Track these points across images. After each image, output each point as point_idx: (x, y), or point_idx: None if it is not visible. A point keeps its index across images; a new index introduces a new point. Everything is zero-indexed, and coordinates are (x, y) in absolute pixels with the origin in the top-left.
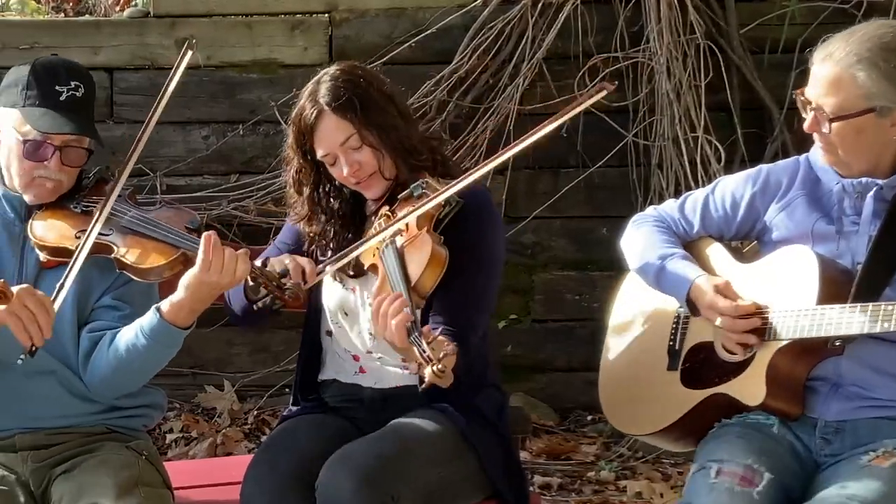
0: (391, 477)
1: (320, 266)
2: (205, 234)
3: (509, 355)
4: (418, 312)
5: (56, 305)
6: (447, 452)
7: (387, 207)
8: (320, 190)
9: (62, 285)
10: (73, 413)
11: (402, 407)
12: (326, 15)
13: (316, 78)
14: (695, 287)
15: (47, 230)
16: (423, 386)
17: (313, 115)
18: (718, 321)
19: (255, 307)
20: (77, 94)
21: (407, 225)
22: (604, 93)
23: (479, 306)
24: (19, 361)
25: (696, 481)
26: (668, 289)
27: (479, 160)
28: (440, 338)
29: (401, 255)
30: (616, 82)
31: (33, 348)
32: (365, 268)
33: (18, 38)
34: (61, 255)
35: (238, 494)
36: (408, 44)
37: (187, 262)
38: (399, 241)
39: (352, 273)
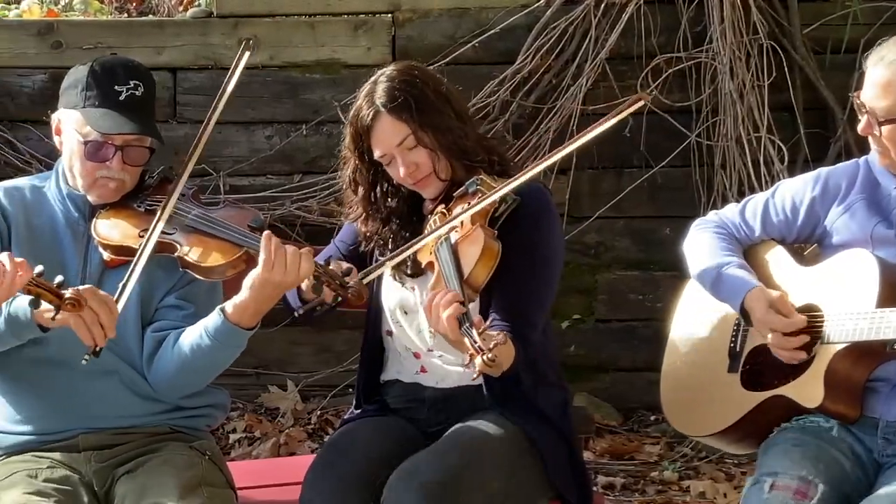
0: (456, 492)
1: (376, 263)
2: (264, 233)
3: (572, 355)
4: (471, 306)
5: (119, 305)
6: (511, 458)
7: (443, 206)
8: (377, 190)
9: (125, 284)
10: (137, 413)
11: (464, 408)
12: (390, 15)
13: (373, 78)
14: (748, 298)
15: (111, 229)
16: (475, 376)
17: (370, 115)
18: (770, 337)
19: (315, 310)
20: (136, 93)
21: (462, 221)
22: (641, 103)
23: (537, 304)
24: (84, 362)
25: (751, 496)
26: (723, 297)
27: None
28: (490, 332)
29: (454, 251)
30: (653, 92)
31: (97, 348)
32: (422, 266)
33: (81, 38)
34: (125, 254)
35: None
36: (471, 44)
37: (250, 260)
38: (453, 237)
39: (410, 272)
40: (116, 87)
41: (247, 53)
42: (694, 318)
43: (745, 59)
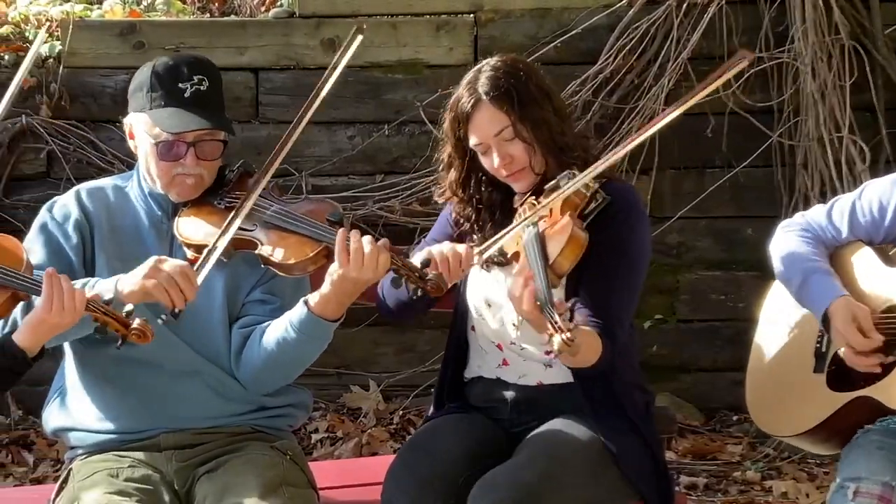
0: (537, 502)
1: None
2: (339, 230)
3: (655, 355)
4: (554, 292)
5: (199, 278)
6: (592, 465)
7: (533, 197)
8: (471, 177)
9: (202, 265)
10: (219, 414)
11: (546, 409)
12: (472, 15)
13: (477, 66)
14: (833, 307)
15: (192, 228)
16: (553, 355)
17: (470, 103)
18: (841, 352)
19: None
20: (201, 87)
21: (550, 211)
22: (745, 62)
23: (624, 302)
24: (160, 321)
25: (835, 502)
26: (808, 303)
27: (624, 159)
28: (571, 323)
29: (541, 238)
30: (754, 53)
31: (175, 309)
32: (508, 256)
33: (164, 38)
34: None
35: None
36: (553, 44)
37: (330, 255)
38: (541, 225)
39: (496, 262)
40: (180, 84)
41: (358, 37)
42: (780, 319)
43: (827, 60)
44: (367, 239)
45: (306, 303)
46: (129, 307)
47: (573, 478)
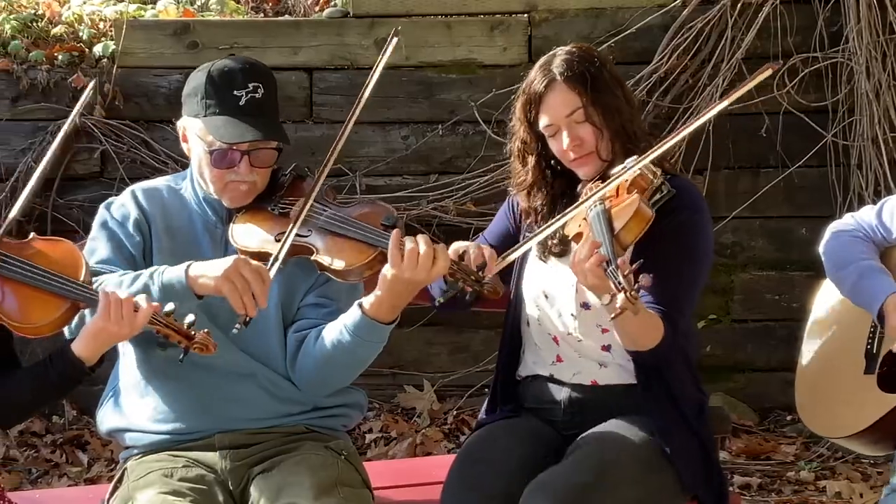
0: (590, 502)
1: (527, 238)
2: (393, 232)
3: (709, 355)
4: (617, 259)
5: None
6: (645, 466)
7: (598, 181)
8: (543, 163)
9: (272, 264)
10: (273, 414)
11: (599, 411)
12: (526, 15)
13: (550, 52)
14: (888, 303)
15: (247, 236)
16: (616, 314)
17: (544, 83)
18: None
19: (441, 300)
20: (256, 95)
21: (617, 191)
22: (769, 72)
23: (686, 293)
24: (234, 331)
25: None
26: (861, 301)
27: (678, 160)
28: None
29: (607, 213)
30: (780, 62)
31: (247, 318)
32: (570, 238)
33: (218, 38)
34: (262, 260)
35: (437, 495)
36: (607, 44)
37: (385, 260)
38: (607, 203)
39: (556, 251)
40: (235, 92)
41: (395, 39)
42: (829, 319)
43: (882, 59)
44: (422, 239)
45: (360, 305)
46: (190, 318)
47: (626, 478)
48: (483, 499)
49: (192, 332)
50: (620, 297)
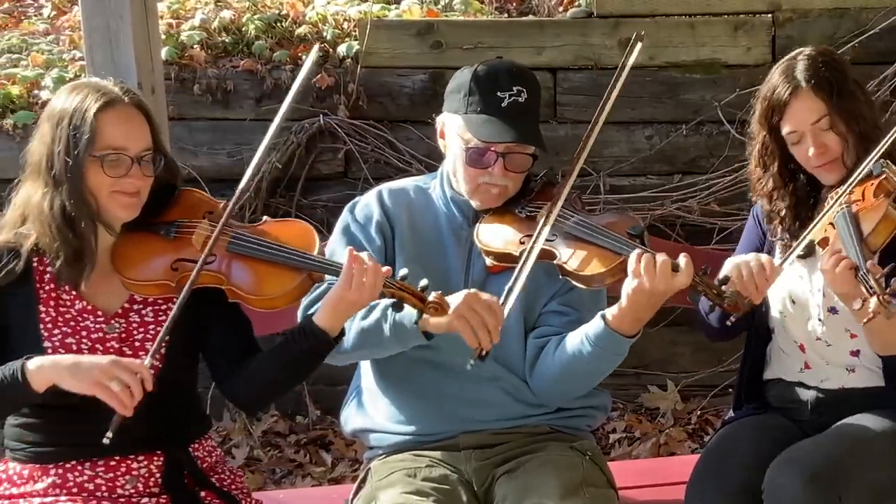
0: (838, 477)
1: (782, 258)
2: (634, 251)
3: None
4: (867, 263)
5: (505, 311)
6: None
7: (841, 188)
8: (785, 167)
9: (510, 290)
10: (517, 415)
11: (846, 410)
12: (769, 15)
13: (789, 56)
14: None
15: (493, 236)
16: (867, 318)
17: (788, 90)
18: None
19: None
20: (519, 99)
21: (863, 195)
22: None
23: None
24: (469, 366)
25: None
26: None
27: None
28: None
29: (855, 216)
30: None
31: (483, 352)
32: (816, 242)
33: (462, 38)
34: (506, 261)
35: (681, 495)
36: (851, 44)
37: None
38: (854, 207)
39: (802, 253)
40: (499, 93)
41: (638, 45)
42: None
43: None
44: (663, 257)
45: (604, 317)
46: (424, 282)
47: (877, 454)
48: (726, 487)
49: (426, 295)
50: (873, 301)
